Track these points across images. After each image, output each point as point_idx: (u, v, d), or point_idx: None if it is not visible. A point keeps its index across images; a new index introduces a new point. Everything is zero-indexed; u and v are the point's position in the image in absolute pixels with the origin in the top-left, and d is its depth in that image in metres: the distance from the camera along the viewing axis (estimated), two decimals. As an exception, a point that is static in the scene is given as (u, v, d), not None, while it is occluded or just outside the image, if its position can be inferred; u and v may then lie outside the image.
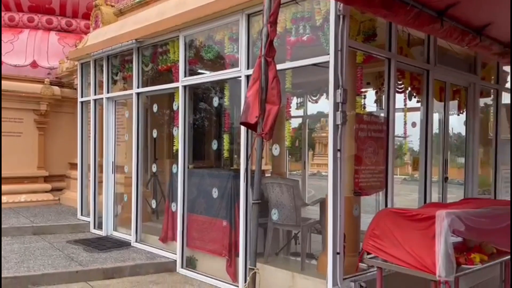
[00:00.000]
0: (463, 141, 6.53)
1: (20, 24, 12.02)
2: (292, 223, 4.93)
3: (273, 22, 2.60)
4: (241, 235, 4.78)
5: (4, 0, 11.91)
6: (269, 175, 7.36)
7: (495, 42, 4.68)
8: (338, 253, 3.81)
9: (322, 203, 4.85)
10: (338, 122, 3.81)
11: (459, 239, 3.56)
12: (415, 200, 5.60)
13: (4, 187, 9.44)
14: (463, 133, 6.54)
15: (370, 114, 4.82)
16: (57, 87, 10.43)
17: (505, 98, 7.21)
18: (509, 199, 6.96)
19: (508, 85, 7.21)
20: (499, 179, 6.81)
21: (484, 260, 3.34)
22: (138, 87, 6.52)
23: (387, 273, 4.01)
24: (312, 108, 8.89)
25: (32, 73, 10.97)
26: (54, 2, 12.22)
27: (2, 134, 9.75)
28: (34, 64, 11.25)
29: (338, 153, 3.83)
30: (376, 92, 6.84)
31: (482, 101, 6.91)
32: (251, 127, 2.72)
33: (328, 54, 3.86)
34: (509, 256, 3.60)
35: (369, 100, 6.29)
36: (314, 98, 8.48)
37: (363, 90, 5.57)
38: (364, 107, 5.51)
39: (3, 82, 9.67)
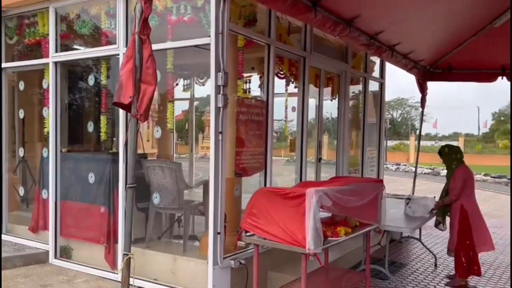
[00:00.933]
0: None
1: None
2: (175, 206, 4.89)
3: (147, -1, 2.50)
4: (120, 221, 4.62)
5: None
6: (155, 158, 7.18)
7: (363, 34, 5.12)
8: (219, 233, 3.89)
9: (205, 185, 4.89)
10: (220, 105, 3.84)
11: (329, 214, 3.88)
12: (296, 179, 5.93)
13: None
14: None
15: (251, 97, 4.95)
16: None
17: (372, 86, 7.98)
18: (373, 176, 7.79)
19: (374, 73, 7.97)
20: (365, 159, 7.55)
21: (348, 233, 3.68)
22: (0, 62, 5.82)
23: (265, 249, 4.23)
24: (201, 91, 8.85)
25: None
26: None
27: None
28: None
29: (220, 136, 3.87)
30: (260, 77, 7.04)
31: (355, 88, 7.56)
32: (124, 107, 2.60)
33: (209, 36, 3.85)
34: (369, 228, 4.02)
35: (254, 85, 6.44)
36: (201, 81, 8.43)
37: (247, 74, 5.71)
38: (249, 91, 5.64)
39: None
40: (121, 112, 4.54)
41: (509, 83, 7.21)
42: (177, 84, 8.15)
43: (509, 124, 46.29)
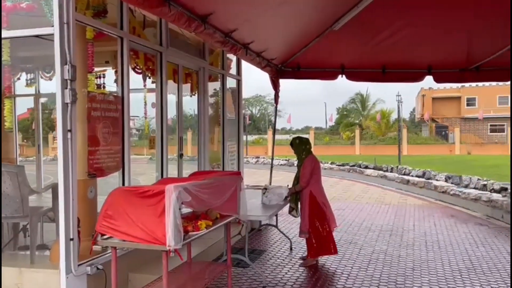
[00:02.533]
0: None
1: None
2: (19, 214, 4.38)
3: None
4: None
5: None
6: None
7: (218, 31, 5.23)
8: (71, 239, 3.61)
9: (54, 189, 4.48)
10: (67, 100, 3.55)
11: (190, 210, 3.90)
12: (158, 177, 5.81)
13: None
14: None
15: (104, 93, 4.69)
16: None
17: (231, 83, 8.24)
18: (234, 169, 8.06)
19: (232, 71, 8.24)
20: (226, 153, 7.77)
21: (209, 226, 3.76)
22: None
23: (125, 251, 4.07)
24: (49, 86, 8.05)
25: None
26: None
27: None
28: None
29: (69, 134, 3.58)
30: (116, 72, 6.71)
31: (215, 85, 7.71)
32: None
33: (53, 26, 3.52)
34: (229, 219, 4.16)
35: (110, 80, 6.13)
36: (48, 75, 7.65)
37: (101, 68, 5.38)
38: (104, 87, 5.32)
39: None
40: None
41: (348, 81, 8.14)
42: (18, 79, 7.29)
43: (350, 118, 52.30)
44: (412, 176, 14.87)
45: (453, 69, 7.77)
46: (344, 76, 8.04)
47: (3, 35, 3.83)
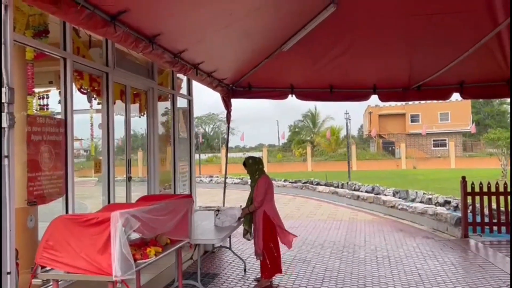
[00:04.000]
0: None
1: None
2: (-51, 247, 4.03)
3: None
4: None
5: None
6: None
7: (167, 51, 5.16)
8: (9, 273, 3.35)
9: (-10, 219, 4.17)
10: (4, 124, 3.32)
11: (138, 236, 3.75)
12: (104, 201, 5.59)
13: None
14: (146, 134, 6.98)
15: (45, 116, 4.47)
16: None
17: (182, 102, 8.15)
18: (185, 191, 7.91)
19: (182, 90, 8.16)
20: (177, 174, 7.63)
21: (159, 252, 3.63)
22: None
23: (68, 283, 3.84)
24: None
25: None
26: None
27: None
28: None
29: (6, 160, 3.35)
30: (60, 92, 6.46)
31: (165, 105, 7.59)
32: None
33: (-10, 46, 3.32)
34: (180, 244, 4.04)
35: (54, 101, 5.88)
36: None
37: (44, 89, 5.15)
38: (47, 108, 5.10)
39: None
40: None
41: (297, 100, 8.29)
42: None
43: (302, 135, 53.28)
44: (362, 191, 15.28)
45: (397, 88, 8.12)
46: (294, 95, 8.18)
47: None
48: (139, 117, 6.69)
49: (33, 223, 4.00)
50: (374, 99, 8.31)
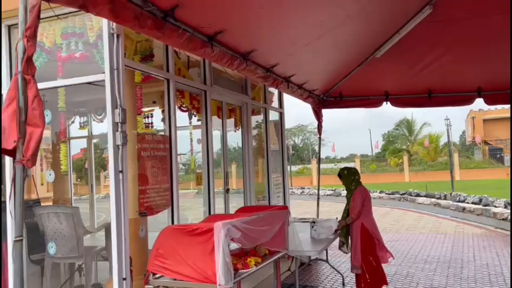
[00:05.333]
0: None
1: None
2: (74, 254, 4.52)
3: (30, 36, 2.33)
4: (10, 279, 4.12)
5: None
6: (50, 203, 6.61)
7: (259, 67, 5.32)
8: (124, 279, 3.65)
9: (107, 228, 4.61)
10: (118, 142, 3.67)
11: (238, 246, 3.87)
12: (205, 212, 5.85)
13: None
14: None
15: (152, 133, 4.84)
16: None
17: (273, 115, 8.29)
18: (280, 202, 7.99)
19: (274, 103, 8.30)
20: (271, 185, 7.74)
21: (258, 263, 3.71)
22: None
23: (176, 290, 4.06)
24: (100, 128, 8.46)
25: None
26: None
27: None
28: None
29: (120, 175, 3.69)
30: (163, 111, 6.95)
31: (257, 118, 7.80)
32: (9, 153, 2.37)
33: (103, 72, 3.71)
34: (278, 255, 4.09)
35: (157, 119, 6.34)
36: (99, 117, 8.06)
37: (148, 108, 5.60)
38: (152, 126, 5.52)
39: None
40: (7, 157, 4.14)
41: (390, 107, 7.98)
42: (73, 122, 7.72)
43: (397, 144, 50.97)
44: (467, 203, 14.15)
45: (505, 90, 7.43)
46: (388, 103, 7.90)
47: (59, 84, 4.07)
48: (234, 131, 6.94)
49: (144, 233, 4.33)
50: (477, 103, 7.70)
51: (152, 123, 5.69)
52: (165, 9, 3.28)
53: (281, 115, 8.45)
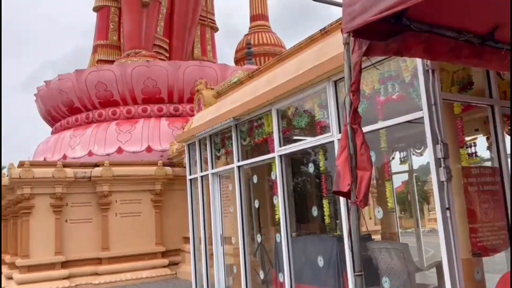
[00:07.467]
0: None
1: (136, 115, 13.64)
2: (407, 290, 4.58)
3: (355, 91, 2.63)
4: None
5: (122, 96, 13.69)
6: (379, 238, 7.02)
7: None
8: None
9: (438, 267, 4.47)
10: (442, 179, 3.59)
11: None
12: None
13: (127, 265, 10.28)
14: None
15: (479, 166, 4.46)
16: (169, 167, 11.39)
17: None
18: None
19: None
20: None
21: None
22: (238, 161, 6.85)
23: None
24: (419, 160, 8.52)
25: (147, 157, 12.19)
26: (163, 92, 13.73)
27: (125, 214, 10.80)
28: (148, 149, 12.53)
29: (447, 212, 3.57)
30: (488, 138, 6.37)
31: None
32: (344, 195, 2.69)
33: (421, 109, 3.74)
34: None
35: (481, 148, 5.87)
36: (418, 151, 8.15)
37: (470, 138, 5.26)
38: (475, 155, 5.15)
39: (125, 167, 10.88)
40: (342, 198, 4.67)
41: None
42: (393, 158, 8.05)
43: None
44: None
45: None
46: None
47: (380, 126, 4.36)
48: None
49: (480, 275, 3.96)
50: None
51: (475, 152, 5.29)
52: (482, 34, 3.06)
53: None
